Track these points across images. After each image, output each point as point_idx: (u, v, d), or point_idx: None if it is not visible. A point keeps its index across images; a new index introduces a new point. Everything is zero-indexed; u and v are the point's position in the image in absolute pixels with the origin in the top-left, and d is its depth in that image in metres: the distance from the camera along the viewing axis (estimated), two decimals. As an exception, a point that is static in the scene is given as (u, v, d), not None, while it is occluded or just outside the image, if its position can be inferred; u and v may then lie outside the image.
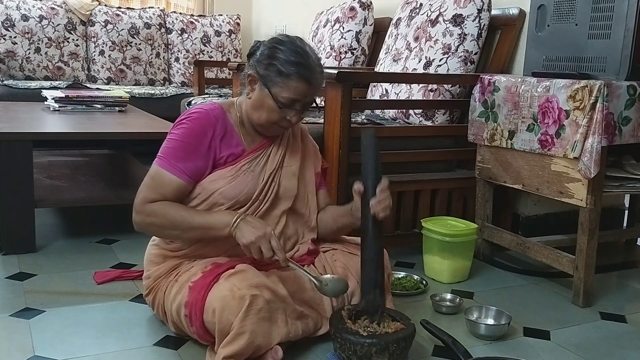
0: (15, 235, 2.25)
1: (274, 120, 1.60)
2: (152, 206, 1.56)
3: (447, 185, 2.46)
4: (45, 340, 1.60)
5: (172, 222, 1.56)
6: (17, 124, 2.52)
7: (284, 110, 1.58)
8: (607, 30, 1.96)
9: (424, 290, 2.08)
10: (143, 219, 1.59)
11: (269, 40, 1.62)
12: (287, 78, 1.55)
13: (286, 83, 1.55)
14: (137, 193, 1.60)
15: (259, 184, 1.64)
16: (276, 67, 1.56)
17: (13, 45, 4.22)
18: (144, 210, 1.57)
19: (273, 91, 1.56)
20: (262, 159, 1.66)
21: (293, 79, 1.55)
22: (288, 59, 1.55)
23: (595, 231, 1.97)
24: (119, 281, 2.03)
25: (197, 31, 4.81)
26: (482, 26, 2.53)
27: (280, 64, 1.55)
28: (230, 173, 1.61)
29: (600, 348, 1.72)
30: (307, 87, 1.57)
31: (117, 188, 2.75)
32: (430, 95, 2.56)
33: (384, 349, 1.42)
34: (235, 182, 1.61)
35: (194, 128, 1.60)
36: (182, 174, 1.57)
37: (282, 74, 1.55)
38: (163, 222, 1.57)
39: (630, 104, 1.92)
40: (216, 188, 1.60)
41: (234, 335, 1.40)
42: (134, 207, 1.60)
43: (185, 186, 1.59)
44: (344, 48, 3.28)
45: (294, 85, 1.55)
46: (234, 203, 1.61)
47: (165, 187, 1.57)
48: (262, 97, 1.59)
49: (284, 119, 1.60)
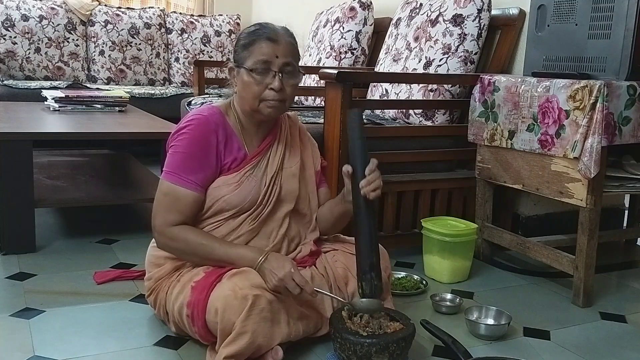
0: (15, 235, 2.25)
1: (257, 94, 1.58)
2: (174, 230, 1.57)
3: (447, 185, 2.46)
4: (45, 340, 1.60)
5: (193, 250, 1.57)
6: (17, 124, 2.52)
7: (262, 78, 1.57)
8: (607, 30, 1.96)
9: (424, 290, 2.08)
10: (166, 243, 1.60)
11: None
12: (251, 46, 1.58)
13: (251, 51, 1.58)
14: (154, 213, 1.60)
15: (261, 188, 1.64)
16: (240, 44, 1.61)
17: (13, 45, 4.22)
18: (166, 234, 1.58)
19: (245, 66, 1.58)
20: (263, 162, 1.66)
21: (255, 44, 1.57)
22: (247, 31, 1.62)
23: (595, 231, 1.97)
24: (119, 281, 2.03)
25: (197, 31, 4.81)
26: (482, 26, 2.53)
27: (242, 39, 1.61)
28: (235, 180, 1.61)
29: (600, 348, 1.72)
30: (272, 45, 1.57)
31: (117, 188, 2.75)
32: (430, 95, 2.56)
33: (384, 349, 1.42)
34: (239, 189, 1.61)
35: (196, 137, 1.59)
36: (195, 186, 1.57)
37: (246, 45, 1.59)
38: (184, 249, 1.58)
39: (630, 104, 1.92)
40: (221, 195, 1.60)
41: (236, 335, 1.40)
42: (155, 228, 1.60)
43: (199, 198, 1.59)
44: (344, 48, 3.28)
45: (257, 48, 1.57)
46: (238, 210, 1.61)
47: (182, 203, 1.57)
48: (242, 79, 1.59)
49: (267, 89, 1.57)
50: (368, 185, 1.51)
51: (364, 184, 1.51)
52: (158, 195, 1.60)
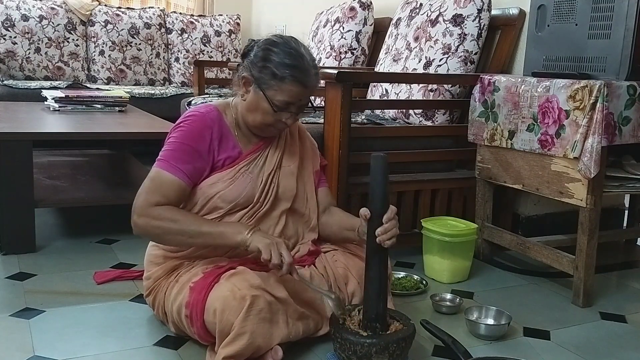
0: (15, 235, 2.25)
1: (268, 122, 1.60)
2: (158, 209, 1.53)
3: (447, 185, 2.46)
4: (45, 340, 1.60)
5: (180, 227, 1.52)
6: (17, 124, 2.52)
7: (279, 113, 1.58)
8: (607, 30, 1.96)
9: (424, 290, 2.08)
10: (147, 222, 1.53)
11: (263, 42, 1.60)
12: (281, 81, 1.54)
13: (280, 86, 1.54)
14: (137, 196, 1.57)
15: (257, 185, 1.64)
16: (270, 69, 1.54)
17: (13, 45, 4.22)
18: (149, 213, 1.53)
19: (268, 94, 1.56)
20: (259, 160, 1.66)
21: (287, 82, 1.54)
22: (282, 62, 1.54)
23: (595, 231, 1.97)
24: (119, 281, 2.03)
25: (197, 31, 4.81)
26: (482, 26, 2.53)
27: (274, 66, 1.54)
28: (229, 176, 1.61)
29: (600, 348, 1.72)
30: (302, 90, 1.57)
31: (117, 188, 2.75)
32: (430, 95, 2.56)
33: (384, 349, 1.42)
34: (234, 185, 1.61)
35: (192, 130, 1.60)
36: (182, 175, 1.57)
37: (277, 77, 1.54)
38: (170, 227, 1.52)
39: (630, 104, 1.92)
40: (215, 192, 1.60)
41: (235, 336, 1.40)
42: (135, 209, 1.55)
43: (185, 187, 1.58)
44: (344, 48, 3.28)
45: (288, 89, 1.55)
46: (233, 206, 1.61)
47: (166, 187, 1.55)
48: (257, 100, 1.58)
49: (279, 121, 1.60)
50: (384, 234, 1.45)
51: (381, 231, 1.45)
52: (145, 181, 1.59)
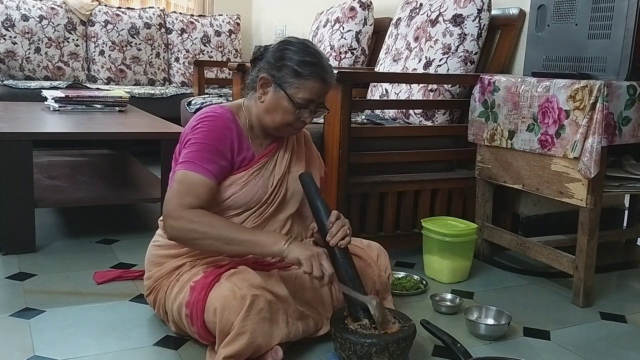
0: (15, 235, 2.25)
1: (289, 121, 1.60)
2: (195, 212, 1.49)
3: (447, 185, 2.46)
4: (45, 340, 1.60)
5: (217, 232, 1.49)
6: (17, 124, 2.52)
7: (300, 112, 1.58)
8: (607, 30, 1.96)
9: (424, 290, 2.08)
10: (184, 225, 1.49)
11: (278, 43, 1.62)
12: (304, 78, 1.55)
13: (303, 84, 1.55)
14: (167, 201, 1.52)
15: (268, 188, 1.64)
16: (291, 67, 1.55)
17: (13, 45, 4.22)
18: (184, 216, 1.49)
19: (289, 92, 1.56)
20: (270, 164, 1.67)
21: (310, 79, 1.55)
22: (303, 60, 1.55)
23: (595, 231, 1.97)
24: (119, 281, 2.03)
25: (197, 31, 4.81)
26: (482, 26, 2.53)
27: (295, 64, 1.55)
28: (243, 179, 1.61)
29: (600, 348, 1.72)
30: (323, 87, 1.58)
31: (117, 188, 2.75)
32: (430, 95, 2.56)
33: (384, 349, 1.42)
34: (247, 188, 1.61)
35: (213, 129, 1.58)
36: (210, 174, 1.54)
37: (299, 74, 1.55)
38: (206, 231, 1.49)
39: (630, 104, 1.92)
40: (230, 193, 1.60)
41: (235, 335, 1.40)
42: (169, 213, 1.51)
43: (214, 186, 1.55)
44: (344, 48, 3.28)
45: (310, 86, 1.56)
46: (245, 208, 1.62)
47: (197, 188, 1.52)
48: (277, 99, 1.58)
49: (298, 120, 1.60)
50: (334, 237, 1.54)
51: (329, 237, 1.54)
52: (171, 185, 1.55)
